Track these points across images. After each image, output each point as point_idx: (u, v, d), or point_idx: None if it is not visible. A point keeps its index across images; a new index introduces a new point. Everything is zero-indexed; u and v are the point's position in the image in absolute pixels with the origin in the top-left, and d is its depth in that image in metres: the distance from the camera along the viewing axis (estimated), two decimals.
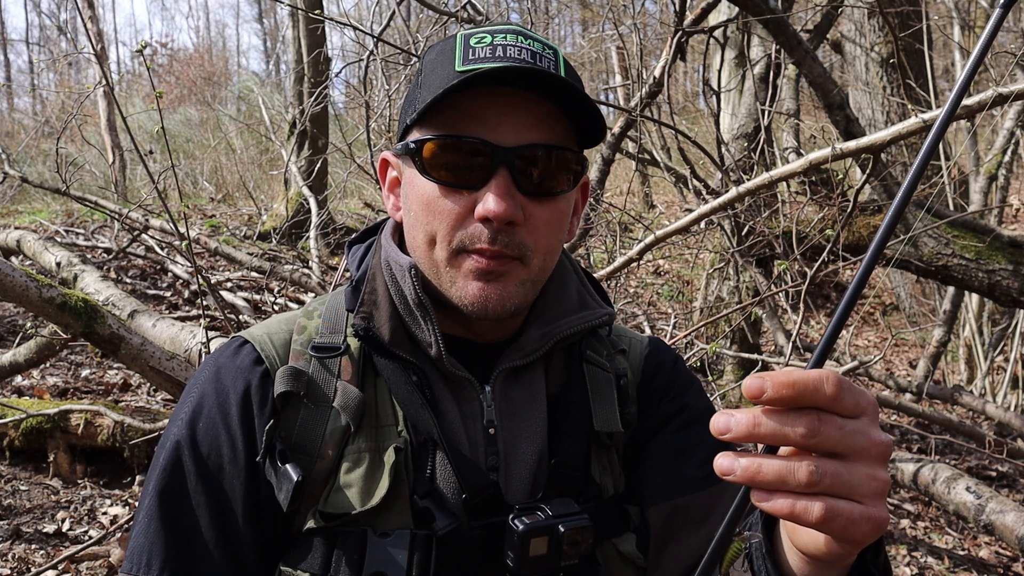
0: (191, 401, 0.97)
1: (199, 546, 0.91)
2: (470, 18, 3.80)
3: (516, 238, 0.93)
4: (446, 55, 0.95)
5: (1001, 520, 2.89)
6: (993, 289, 3.68)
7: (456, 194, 0.93)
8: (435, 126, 0.94)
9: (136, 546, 0.91)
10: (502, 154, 0.91)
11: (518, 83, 0.91)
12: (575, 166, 0.97)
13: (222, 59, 28.38)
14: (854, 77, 7.28)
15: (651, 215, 8.75)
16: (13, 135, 15.30)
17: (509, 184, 0.91)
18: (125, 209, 6.12)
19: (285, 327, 1.03)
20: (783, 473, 0.57)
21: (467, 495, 0.94)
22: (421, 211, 0.96)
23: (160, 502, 0.92)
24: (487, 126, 0.91)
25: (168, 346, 3.14)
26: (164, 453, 0.95)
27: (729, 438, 0.58)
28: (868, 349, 7.80)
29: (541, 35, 0.99)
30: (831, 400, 0.57)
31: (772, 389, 0.56)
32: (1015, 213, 9.57)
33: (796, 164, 2.89)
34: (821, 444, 0.57)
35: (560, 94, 0.92)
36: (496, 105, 0.92)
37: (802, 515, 0.57)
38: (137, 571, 0.89)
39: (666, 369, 1.13)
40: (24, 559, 2.78)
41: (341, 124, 8.56)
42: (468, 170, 0.92)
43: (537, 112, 0.93)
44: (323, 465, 0.93)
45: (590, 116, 0.94)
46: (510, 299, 0.95)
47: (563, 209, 0.98)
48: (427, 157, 0.93)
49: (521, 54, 0.93)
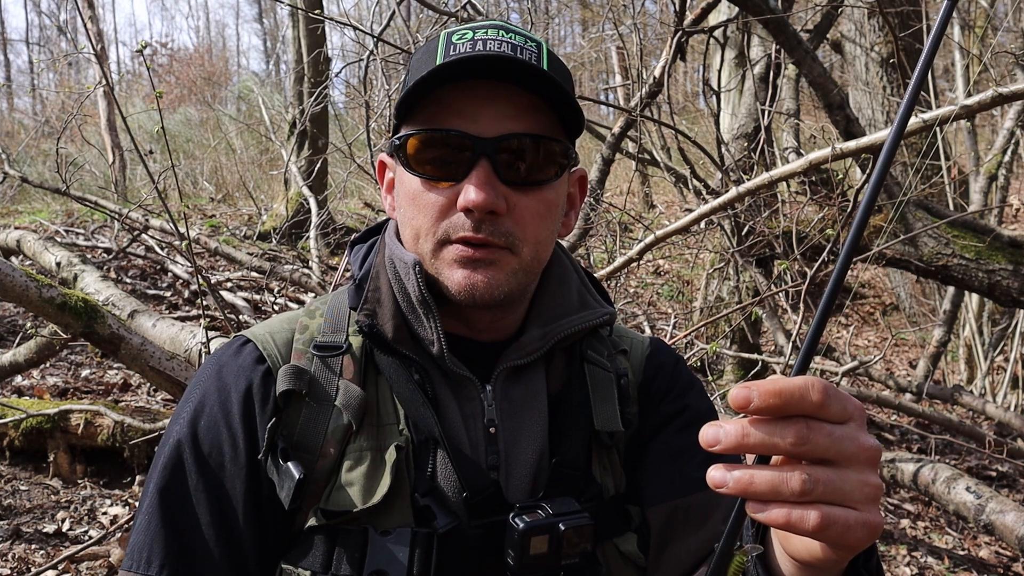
0: (193, 400, 0.98)
1: (199, 544, 0.91)
2: (470, 18, 3.80)
3: (501, 227, 0.93)
4: (429, 53, 0.96)
5: (1001, 520, 2.89)
6: (993, 289, 3.68)
7: (439, 187, 0.94)
8: (417, 121, 0.95)
9: (136, 543, 0.91)
10: (482, 145, 0.91)
11: (495, 75, 0.92)
12: (560, 156, 0.97)
13: (222, 59, 28.38)
14: (854, 77, 7.28)
15: (651, 215, 8.75)
16: (13, 135, 15.30)
17: (490, 174, 0.92)
18: (125, 209, 6.12)
19: (287, 326, 1.03)
20: (776, 483, 0.57)
21: (468, 494, 0.94)
22: (408, 206, 0.97)
23: (161, 500, 0.92)
24: (466, 118, 0.92)
25: (168, 346, 3.14)
26: (165, 451, 0.95)
27: (719, 450, 0.58)
28: (868, 349, 7.80)
29: (530, 31, 1.00)
30: (818, 407, 0.57)
31: (759, 399, 0.56)
32: (1015, 213, 9.57)
33: (796, 164, 2.89)
34: (811, 452, 0.57)
35: (540, 84, 0.93)
36: (475, 97, 0.92)
37: (798, 524, 0.57)
38: (137, 568, 0.89)
39: (667, 370, 1.13)
40: (24, 559, 2.78)
41: (341, 124, 8.57)
42: (450, 163, 0.93)
43: (517, 103, 0.93)
44: (325, 463, 0.94)
45: (564, 104, 0.95)
46: (499, 286, 0.95)
47: (550, 199, 0.98)
48: (411, 152, 0.95)
49: (501, 47, 0.93)
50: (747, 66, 5.39)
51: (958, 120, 2.78)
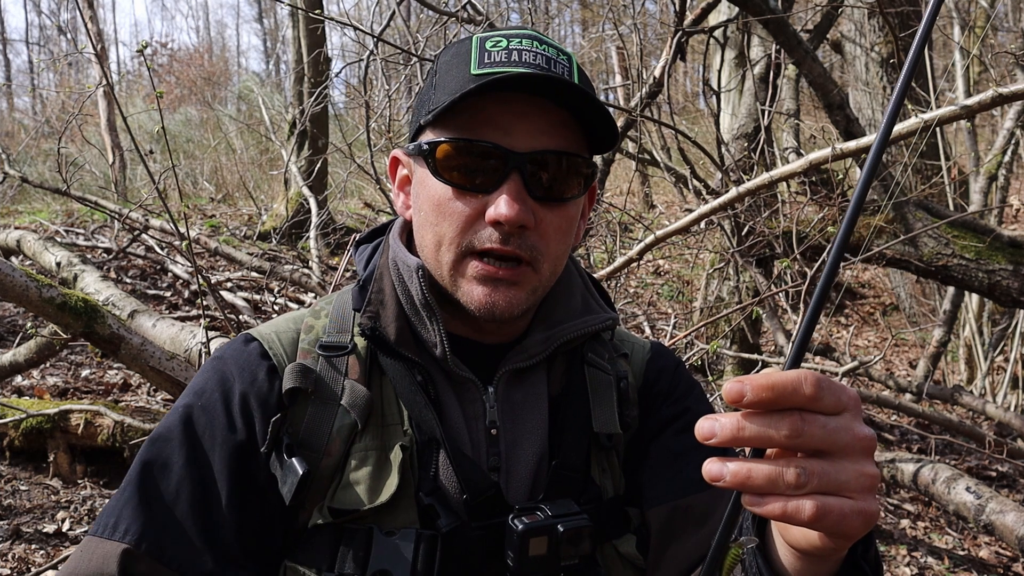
0: (195, 386, 0.98)
1: (172, 520, 0.90)
2: (470, 18, 3.80)
3: (528, 241, 0.94)
4: (461, 57, 0.95)
5: (1001, 520, 2.89)
6: (993, 289, 3.67)
7: (467, 197, 0.94)
8: (449, 128, 0.94)
9: (107, 508, 0.91)
10: (515, 159, 0.91)
11: (533, 89, 0.92)
12: (585, 173, 0.98)
13: (222, 59, 28.37)
14: (854, 77, 7.28)
15: (651, 215, 8.75)
16: (13, 135, 15.29)
17: (521, 189, 0.92)
18: (125, 209, 6.12)
19: (292, 326, 1.04)
20: (772, 476, 0.58)
21: (468, 495, 0.95)
22: (431, 212, 0.96)
23: (142, 471, 0.92)
24: (501, 131, 0.92)
25: (168, 346, 3.14)
26: (159, 428, 0.95)
27: (714, 443, 0.58)
28: (868, 349, 7.80)
29: (556, 40, 1.00)
30: (811, 400, 0.57)
31: (751, 393, 0.57)
32: (1015, 213, 9.57)
33: (796, 164, 2.89)
34: (806, 444, 0.58)
35: (573, 101, 0.93)
36: (510, 111, 0.92)
37: (794, 515, 0.58)
38: (102, 533, 0.88)
39: (668, 373, 1.13)
40: (24, 559, 2.78)
41: (341, 124, 8.56)
42: (480, 173, 0.93)
43: (550, 119, 0.94)
44: (329, 462, 0.94)
45: (602, 123, 0.95)
46: (519, 305, 0.96)
47: (572, 215, 0.99)
48: (440, 159, 0.94)
49: (536, 59, 0.93)
50: (747, 66, 5.39)
51: (958, 120, 2.77)
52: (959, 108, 2.70)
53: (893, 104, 0.60)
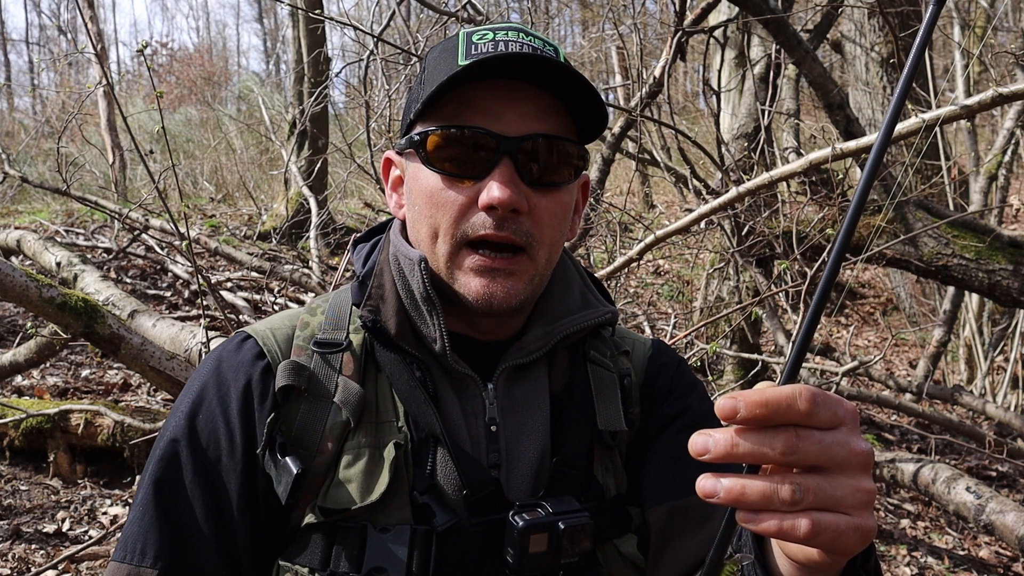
0: (192, 394, 0.98)
1: (193, 537, 0.91)
2: (470, 18, 3.80)
3: (522, 227, 0.94)
4: (449, 52, 0.96)
5: (1001, 520, 2.89)
6: (993, 289, 3.67)
7: (460, 184, 0.94)
8: (438, 118, 0.95)
9: (130, 535, 0.91)
10: (505, 144, 0.92)
11: (520, 75, 0.92)
12: (576, 159, 0.98)
13: (222, 59, 28.38)
14: (854, 77, 7.27)
15: (651, 215, 8.75)
16: (13, 135, 15.28)
17: (512, 173, 0.92)
18: (125, 209, 6.12)
19: (288, 323, 1.04)
20: (767, 492, 0.57)
21: (468, 492, 0.94)
22: (425, 204, 0.96)
23: (156, 492, 0.92)
24: (490, 116, 0.92)
25: (168, 346, 3.14)
26: (162, 444, 0.95)
27: (708, 459, 0.58)
28: (868, 349, 7.79)
29: (543, 33, 1.00)
30: (806, 415, 0.57)
31: (745, 409, 0.56)
32: (1015, 213, 9.57)
33: (796, 164, 2.89)
34: (801, 460, 0.57)
35: (562, 87, 0.93)
36: (499, 96, 0.93)
37: (790, 533, 0.57)
38: (131, 560, 0.89)
39: (669, 371, 1.13)
40: (24, 559, 2.78)
41: (341, 124, 8.56)
42: (471, 161, 0.93)
43: (539, 104, 0.94)
44: (322, 459, 0.94)
45: (592, 107, 0.95)
46: (516, 295, 0.96)
47: (565, 201, 0.99)
48: (431, 149, 0.94)
49: (523, 49, 0.94)
50: (747, 66, 5.39)
51: (958, 120, 2.77)
52: (959, 108, 2.70)
53: (894, 104, 0.59)
